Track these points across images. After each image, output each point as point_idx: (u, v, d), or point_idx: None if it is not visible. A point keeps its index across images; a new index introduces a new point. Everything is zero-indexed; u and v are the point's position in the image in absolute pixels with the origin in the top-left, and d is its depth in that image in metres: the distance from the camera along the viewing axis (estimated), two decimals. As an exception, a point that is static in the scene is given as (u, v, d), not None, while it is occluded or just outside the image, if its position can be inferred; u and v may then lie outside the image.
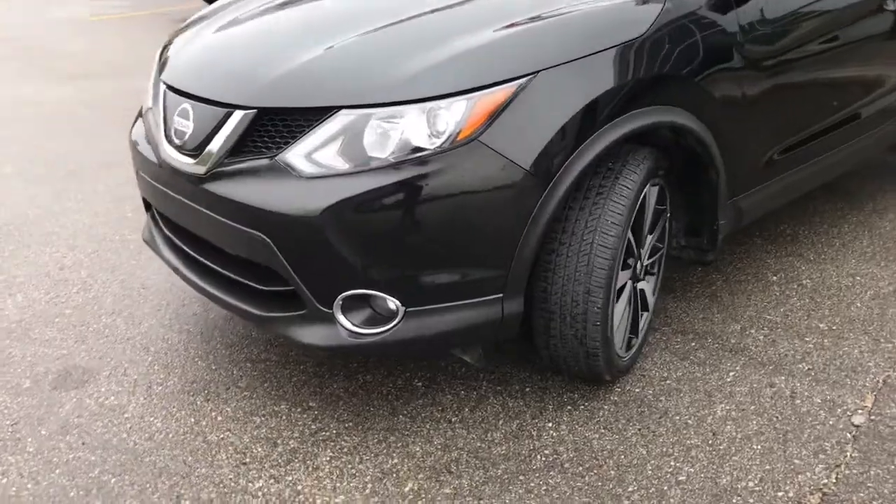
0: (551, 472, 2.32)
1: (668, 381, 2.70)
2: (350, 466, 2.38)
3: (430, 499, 2.25)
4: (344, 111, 2.21)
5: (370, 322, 2.31)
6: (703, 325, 3.02)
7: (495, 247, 2.26)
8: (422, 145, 2.18)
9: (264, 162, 2.30)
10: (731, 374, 2.72)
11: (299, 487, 2.30)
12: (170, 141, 2.54)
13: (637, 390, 2.66)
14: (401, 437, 2.49)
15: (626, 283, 2.62)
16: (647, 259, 2.74)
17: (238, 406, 2.68)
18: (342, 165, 2.20)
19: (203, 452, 2.46)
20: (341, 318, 2.30)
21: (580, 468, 2.34)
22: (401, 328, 2.28)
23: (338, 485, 2.30)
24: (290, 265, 2.29)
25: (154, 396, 2.76)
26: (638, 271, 2.66)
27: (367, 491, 2.28)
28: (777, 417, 2.51)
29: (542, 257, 2.40)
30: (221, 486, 2.33)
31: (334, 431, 2.54)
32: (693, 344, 2.90)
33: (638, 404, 2.59)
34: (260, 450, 2.47)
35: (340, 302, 2.28)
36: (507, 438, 2.46)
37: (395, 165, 2.17)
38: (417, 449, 2.44)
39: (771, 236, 3.78)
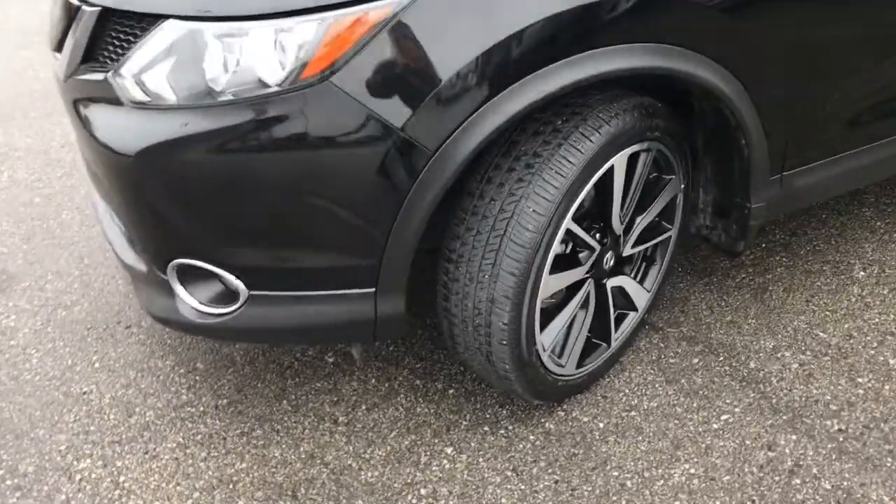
0: (411, 526, 1.79)
1: (631, 414, 2.01)
2: (191, 463, 1.96)
3: (246, 532, 1.80)
4: (172, 22, 1.63)
5: (218, 301, 1.81)
6: (724, 334, 2.25)
7: (359, 228, 1.66)
8: (267, 80, 1.57)
9: (99, 77, 1.80)
10: (725, 417, 1.99)
11: (121, 479, 1.92)
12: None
13: (584, 420, 2.01)
14: (268, 432, 2.03)
15: (585, 282, 1.92)
16: (637, 246, 2.01)
17: (124, 353, 2.32)
18: (169, 95, 1.65)
19: (55, 408, 2.13)
20: (180, 289, 1.81)
21: (451, 527, 1.78)
22: (244, 314, 1.77)
23: (162, 485, 1.90)
24: (121, 210, 1.83)
25: (51, 324, 2.45)
26: (606, 265, 1.94)
27: (188, 503, 1.85)
28: None
29: (446, 244, 1.77)
30: (46, 458, 1.99)
31: (202, 409, 2.11)
32: (696, 361, 2.16)
33: (573, 443, 1.94)
34: (112, 417, 2.10)
35: (175, 271, 1.78)
36: (387, 460, 1.93)
37: (232, 104, 1.59)
38: (277, 454, 1.97)
39: (886, 206, 2.81)
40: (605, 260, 1.93)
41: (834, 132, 2.10)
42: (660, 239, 2.10)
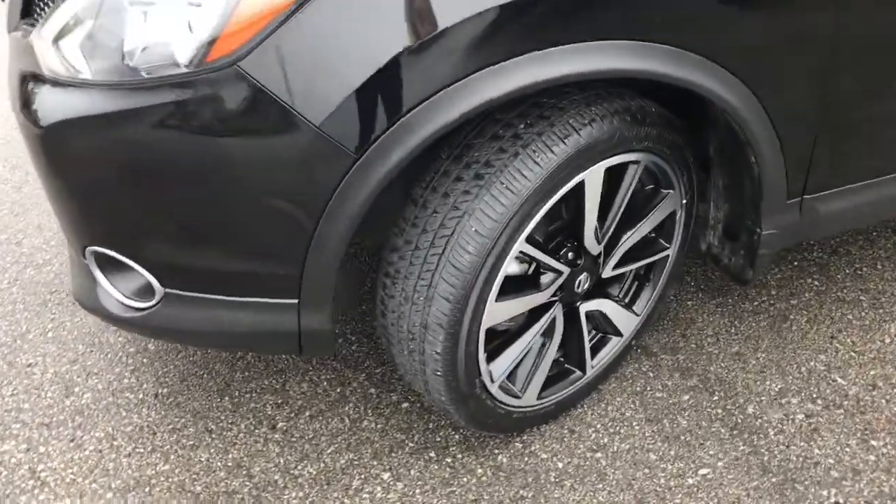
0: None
1: (597, 456, 1.78)
2: (113, 458, 1.83)
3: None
4: (93, -23, 1.44)
5: (138, 295, 1.64)
6: (725, 369, 1.97)
7: (274, 233, 1.45)
8: (178, 58, 1.37)
9: (22, 37, 1.65)
10: (704, 471, 1.73)
11: (40, 468, 1.81)
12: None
13: (542, 457, 1.78)
14: (200, 431, 1.88)
15: (550, 306, 1.67)
16: (622, 267, 1.75)
17: (79, 324, 2.21)
18: (82, 67, 1.46)
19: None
20: (100, 278, 1.65)
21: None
22: (160, 312, 1.60)
23: (78, 480, 1.78)
24: (45, 183, 1.68)
25: (17, 284, 2.35)
26: (578, 288, 1.69)
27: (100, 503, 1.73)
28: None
29: (385, 254, 1.55)
30: (-28, 435, 1.89)
31: (141, 396, 1.98)
32: (686, 398, 1.90)
33: (523, 483, 1.72)
34: (49, 395, 1.99)
35: (93, 257, 1.63)
36: (316, 481, 1.76)
37: (142, 84, 1.40)
38: (203, 458, 1.82)
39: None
40: (577, 283, 1.67)
41: (872, 150, 1.76)
42: (654, 259, 1.83)
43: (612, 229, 1.66)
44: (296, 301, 1.51)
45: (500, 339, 1.67)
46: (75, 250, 1.67)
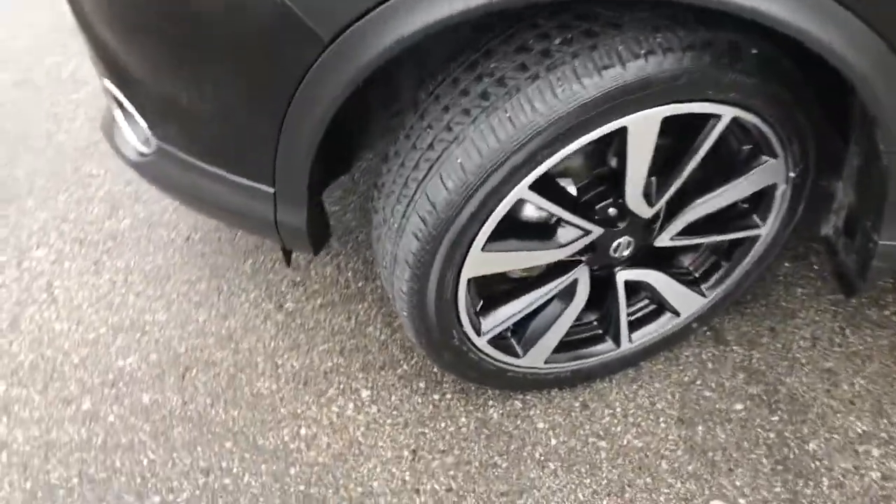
0: None
1: (599, 444, 1.51)
2: (121, 292, 1.82)
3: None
4: None
5: (145, 143, 1.54)
6: (806, 388, 1.58)
7: (244, 108, 1.26)
8: None
9: None
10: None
11: (56, 285, 1.82)
12: None
13: (538, 426, 1.54)
14: (209, 288, 1.81)
15: (573, 265, 1.38)
16: (685, 237, 1.40)
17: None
18: None
19: (62, 179, 2.05)
20: (117, 115, 1.56)
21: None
22: (155, 163, 1.49)
23: (82, 306, 1.78)
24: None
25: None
26: (616, 253, 1.37)
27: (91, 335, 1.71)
28: None
29: (382, 158, 1.32)
30: (21, 228, 1.93)
31: (173, 236, 1.93)
32: (739, 407, 1.55)
33: (503, 450, 1.50)
34: (96, 212, 1.98)
35: (111, 96, 1.53)
36: (295, 377, 1.64)
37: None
38: (200, 318, 1.75)
39: None
40: (613, 246, 1.35)
41: None
42: (739, 236, 1.44)
43: (673, 192, 1.29)
44: (272, 190, 1.32)
45: (504, 290, 1.40)
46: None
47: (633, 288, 1.48)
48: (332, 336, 1.69)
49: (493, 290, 1.41)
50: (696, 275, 1.53)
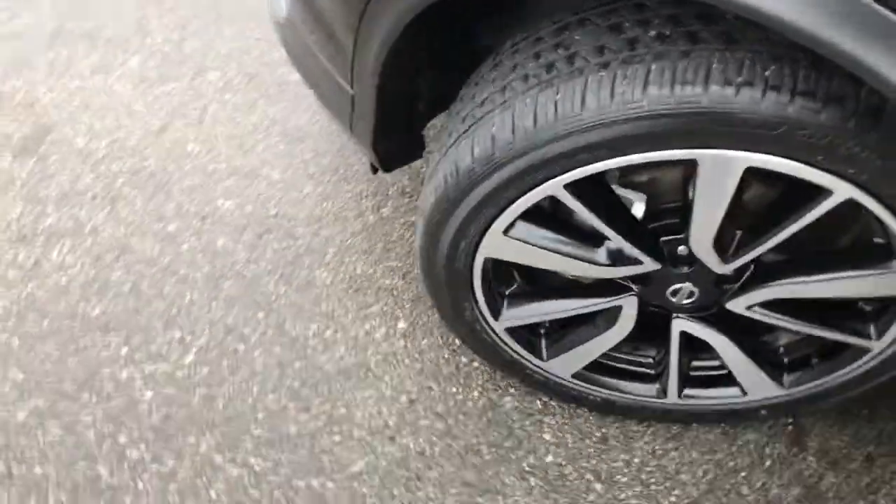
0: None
1: (592, 487, 1.35)
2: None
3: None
4: None
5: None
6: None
7: (334, 12, 1.21)
8: None
9: None
10: None
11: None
12: None
13: (543, 436, 1.41)
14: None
15: (622, 290, 1.20)
16: (767, 312, 1.16)
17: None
18: None
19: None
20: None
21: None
22: (287, 29, 1.49)
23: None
24: None
25: None
26: (673, 297, 1.17)
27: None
28: None
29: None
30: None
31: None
32: (772, 523, 1.31)
33: (493, 442, 1.39)
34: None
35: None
36: (346, 280, 1.62)
37: None
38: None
39: None
40: (670, 289, 1.15)
41: None
42: (844, 339, 1.16)
43: (756, 256, 1.06)
44: (351, 92, 1.27)
45: (544, 286, 1.26)
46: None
47: (704, 343, 1.26)
48: (404, 256, 1.64)
49: (536, 281, 1.27)
50: (784, 360, 1.27)
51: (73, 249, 1.65)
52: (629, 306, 1.20)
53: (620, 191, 1.10)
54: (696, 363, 1.32)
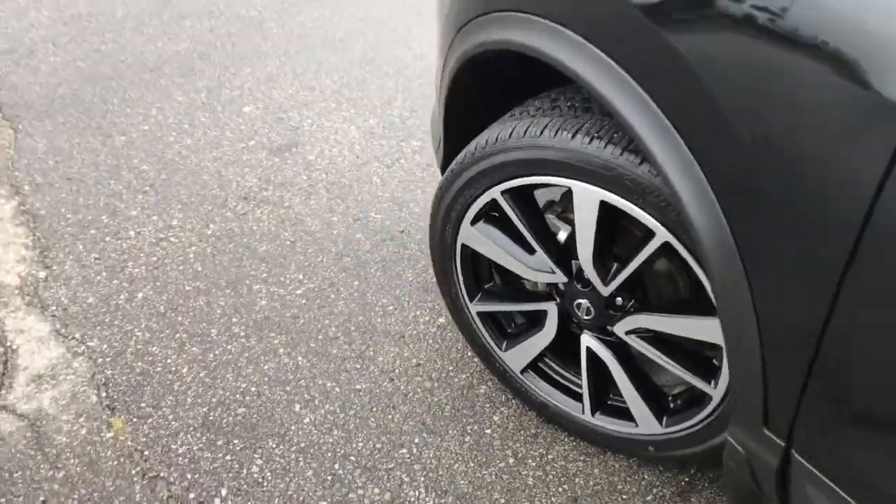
0: None
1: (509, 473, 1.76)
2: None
3: None
4: None
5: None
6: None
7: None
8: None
9: None
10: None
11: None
12: None
13: (504, 451, 1.85)
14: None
15: (549, 302, 1.67)
16: (642, 338, 1.55)
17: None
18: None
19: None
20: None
21: None
22: None
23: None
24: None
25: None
26: (576, 307, 1.61)
27: (376, 192, 2.53)
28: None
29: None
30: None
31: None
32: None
33: (453, 443, 1.87)
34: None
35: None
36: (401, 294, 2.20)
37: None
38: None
39: None
40: (575, 303, 1.59)
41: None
42: (690, 380, 1.50)
43: (620, 283, 1.48)
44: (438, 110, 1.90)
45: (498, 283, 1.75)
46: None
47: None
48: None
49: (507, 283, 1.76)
50: (667, 399, 1.61)
51: (270, 214, 2.42)
52: (552, 312, 1.64)
53: (552, 219, 1.59)
54: (612, 395, 1.69)
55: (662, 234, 1.34)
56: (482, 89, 1.69)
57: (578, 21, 1.26)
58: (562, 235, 1.58)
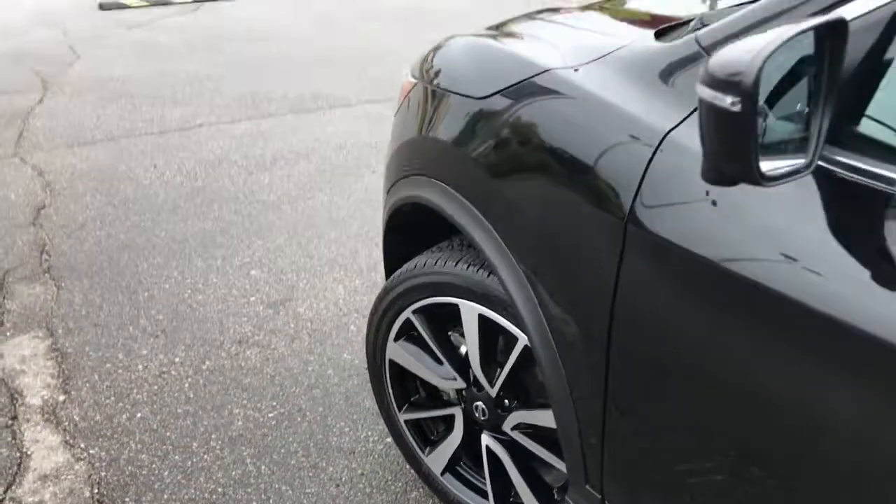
0: None
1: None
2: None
3: None
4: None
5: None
6: None
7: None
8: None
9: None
10: None
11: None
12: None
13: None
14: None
15: (456, 407, 2.02)
16: (521, 435, 1.89)
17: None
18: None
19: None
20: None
21: None
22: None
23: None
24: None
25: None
26: (476, 412, 1.96)
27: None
28: None
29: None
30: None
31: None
32: None
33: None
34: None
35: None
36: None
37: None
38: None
39: None
40: (475, 406, 1.94)
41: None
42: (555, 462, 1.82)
43: (502, 386, 1.84)
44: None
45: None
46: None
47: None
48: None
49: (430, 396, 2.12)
50: (549, 491, 1.90)
51: (258, 354, 2.84)
52: (458, 415, 1.99)
53: (455, 335, 1.98)
54: (514, 492, 1.99)
55: (523, 339, 1.72)
56: (417, 230, 2.14)
57: (446, 177, 1.73)
58: (463, 349, 1.96)
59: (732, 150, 0.87)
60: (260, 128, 5.09)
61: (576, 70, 1.47)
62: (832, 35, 0.92)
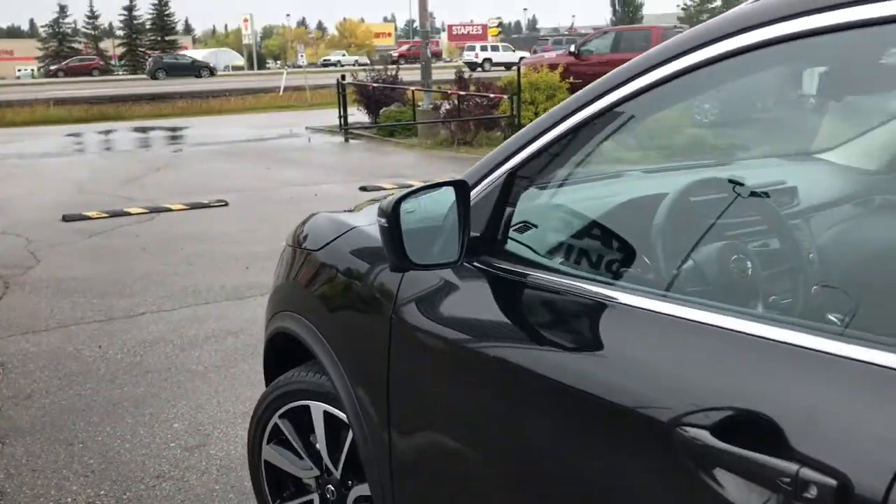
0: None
1: None
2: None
3: None
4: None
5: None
6: None
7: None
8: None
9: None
10: None
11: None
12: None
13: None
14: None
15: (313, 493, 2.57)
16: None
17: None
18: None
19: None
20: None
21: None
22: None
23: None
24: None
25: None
26: (329, 497, 2.51)
27: None
28: None
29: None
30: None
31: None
32: None
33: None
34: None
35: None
36: None
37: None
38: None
39: None
40: (327, 489, 2.49)
41: None
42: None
43: (343, 468, 2.41)
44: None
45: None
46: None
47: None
48: None
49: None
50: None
51: (173, 485, 3.34)
52: (315, 500, 2.54)
53: (314, 437, 2.57)
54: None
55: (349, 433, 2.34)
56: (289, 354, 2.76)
57: (301, 309, 2.42)
58: (318, 445, 2.55)
59: (389, 249, 1.59)
60: (197, 313, 5.75)
61: (370, 225, 2.21)
62: (460, 188, 1.67)
